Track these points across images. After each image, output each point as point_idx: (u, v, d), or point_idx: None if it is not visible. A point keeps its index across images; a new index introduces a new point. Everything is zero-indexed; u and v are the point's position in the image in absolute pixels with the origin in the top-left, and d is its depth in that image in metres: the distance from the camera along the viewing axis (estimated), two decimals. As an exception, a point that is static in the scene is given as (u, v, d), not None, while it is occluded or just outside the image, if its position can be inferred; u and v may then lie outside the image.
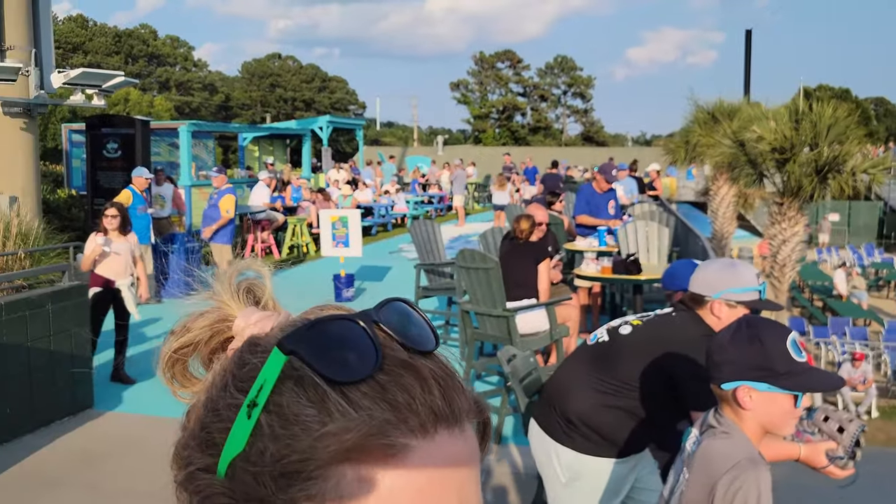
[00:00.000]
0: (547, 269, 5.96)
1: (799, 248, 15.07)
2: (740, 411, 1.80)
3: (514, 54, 69.83)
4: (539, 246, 6.07)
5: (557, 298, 5.89)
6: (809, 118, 14.33)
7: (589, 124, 71.20)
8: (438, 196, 22.21)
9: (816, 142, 14.18)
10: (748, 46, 34.65)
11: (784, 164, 14.21)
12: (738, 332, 1.84)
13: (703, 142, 17.41)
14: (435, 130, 76.01)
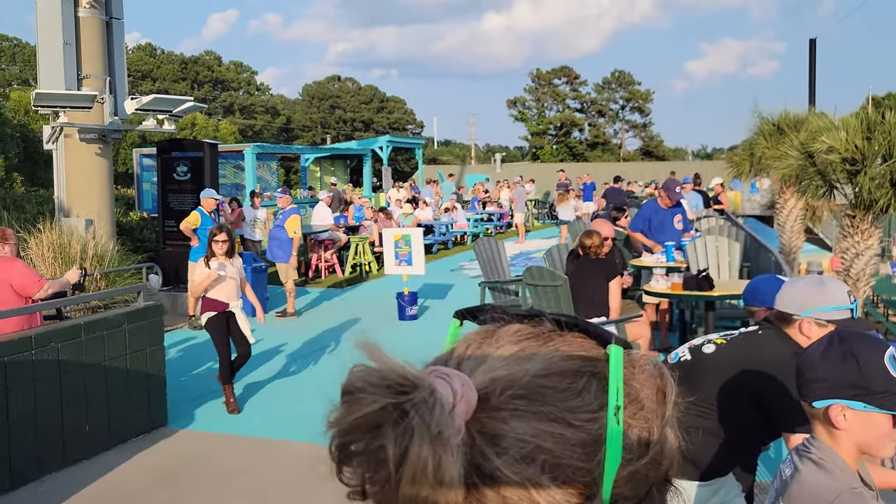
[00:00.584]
0: (618, 286, 5.88)
1: (873, 262, 14.57)
2: (834, 432, 1.70)
3: (571, 70, 69.59)
4: (608, 262, 5.99)
5: (628, 316, 5.80)
6: (882, 128, 13.90)
7: (648, 139, 70.33)
8: (498, 213, 22.19)
9: (891, 152, 13.75)
10: (812, 56, 33.83)
11: (855, 175, 13.79)
12: (830, 347, 1.74)
13: (768, 154, 17.01)
14: (492, 148, 76.21)
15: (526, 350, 0.54)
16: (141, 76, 55.62)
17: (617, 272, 5.97)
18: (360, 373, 0.49)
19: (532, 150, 69.25)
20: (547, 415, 0.50)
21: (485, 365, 0.52)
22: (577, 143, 68.48)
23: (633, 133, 71.28)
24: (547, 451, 0.49)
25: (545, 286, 5.68)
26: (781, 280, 3.02)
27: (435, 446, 0.46)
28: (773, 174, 17.40)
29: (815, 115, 17.50)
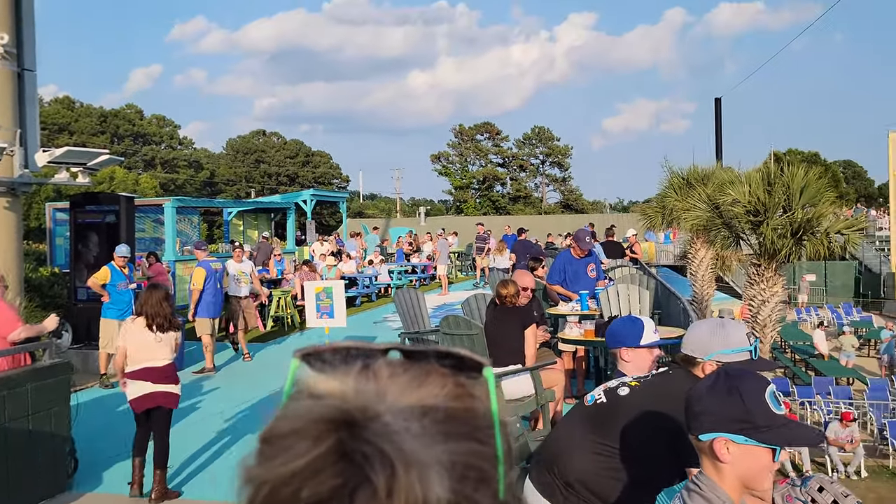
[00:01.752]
0: (533, 334, 6.01)
1: (778, 308, 15.23)
2: (719, 465, 1.76)
3: (493, 126, 71.26)
4: (524, 311, 6.13)
5: (542, 363, 5.92)
6: (782, 181, 14.69)
7: (568, 192, 72.21)
8: (422, 265, 22.32)
9: (790, 204, 14.53)
10: (718, 114, 35.59)
11: (759, 226, 14.52)
12: (717, 383, 1.82)
13: (679, 206, 17.75)
14: (417, 202, 76.87)
15: (417, 380, 0.55)
16: (58, 129, 54.12)
17: (532, 321, 6.11)
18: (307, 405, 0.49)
19: (456, 203, 70.15)
20: (467, 435, 0.53)
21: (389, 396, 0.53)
22: (500, 196, 69.75)
23: (553, 187, 73.12)
24: (474, 467, 0.52)
25: (461, 335, 5.77)
26: (638, 321, 3.18)
27: (420, 471, 0.48)
28: (683, 225, 18.13)
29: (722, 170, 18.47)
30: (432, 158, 70.91)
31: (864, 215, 36.81)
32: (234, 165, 68.02)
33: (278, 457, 0.48)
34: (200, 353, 10.65)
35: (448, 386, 0.55)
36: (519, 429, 4.14)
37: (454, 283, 22.22)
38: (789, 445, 1.80)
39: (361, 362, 0.56)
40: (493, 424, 0.56)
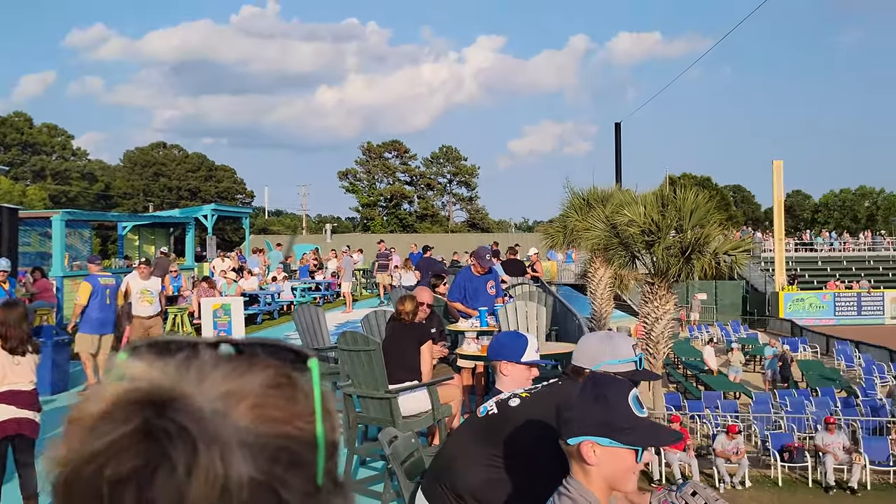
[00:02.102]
0: (429, 350, 6.04)
1: (671, 325, 15.88)
2: (586, 467, 1.84)
3: (402, 144, 71.53)
4: (422, 328, 6.16)
5: (439, 379, 5.96)
6: (674, 203, 15.40)
7: (474, 211, 73.14)
8: (326, 282, 22.10)
9: (681, 225, 15.22)
10: (618, 138, 36.95)
11: (653, 245, 15.14)
12: (585, 389, 1.91)
13: (579, 226, 18.27)
14: (324, 219, 76.06)
15: (238, 369, 0.57)
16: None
17: (428, 337, 6.14)
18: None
19: (363, 220, 69.89)
20: (283, 420, 0.55)
21: (207, 382, 0.55)
22: (407, 214, 69.96)
23: (459, 206, 73.91)
24: (288, 450, 0.54)
25: (358, 351, 5.75)
26: (523, 337, 3.26)
27: (223, 449, 0.49)
28: (583, 245, 18.67)
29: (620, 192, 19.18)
30: (340, 175, 70.50)
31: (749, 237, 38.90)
32: (132, 178, 65.60)
33: (83, 437, 0.48)
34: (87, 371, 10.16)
35: (270, 375, 0.58)
36: (413, 444, 4.15)
37: (359, 300, 22.09)
38: (651, 445, 1.91)
39: (186, 352, 0.57)
40: (314, 413, 0.58)
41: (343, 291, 20.17)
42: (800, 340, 26.26)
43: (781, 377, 18.61)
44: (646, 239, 15.16)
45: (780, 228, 38.35)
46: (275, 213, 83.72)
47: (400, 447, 4.17)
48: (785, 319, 33.19)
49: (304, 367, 0.60)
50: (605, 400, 1.87)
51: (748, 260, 35.64)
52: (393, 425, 5.37)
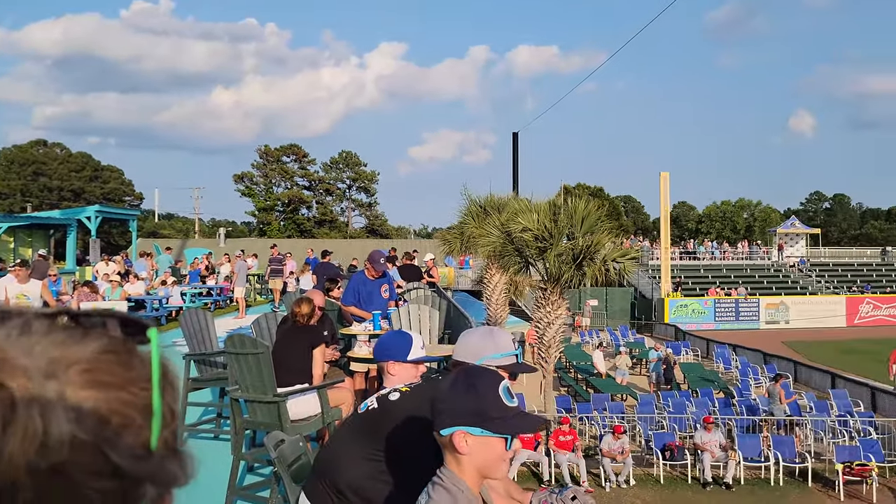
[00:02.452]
0: (321, 354, 5.97)
1: (562, 329, 16.35)
2: (458, 457, 1.89)
3: (300, 148, 70.48)
4: (314, 331, 6.08)
5: (329, 382, 5.91)
6: (566, 211, 15.87)
7: (373, 217, 72.91)
8: (218, 287, 21.48)
9: (573, 232, 15.70)
10: (515, 147, 37.83)
11: (546, 252, 15.54)
12: (457, 381, 1.96)
13: (475, 232, 18.56)
14: (218, 223, 73.98)
15: (73, 337, 0.58)
16: None
17: (321, 341, 6.07)
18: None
19: (259, 225, 68.41)
20: (115, 385, 0.57)
21: (37, 347, 0.56)
22: (305, 219, 68.98)
23: (358, 212, 73.52)
24: (119, 414, 0.56)
25: (246, 354, 5.63)
26: (407, 336, 3.30)
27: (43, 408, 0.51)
28: (479, 251, 18.95)
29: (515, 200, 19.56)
30: (235, 178, 68.75)
31: (637, 246, 40.50)
32: (8, 177, 61.77)
33: None
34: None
35: (104, 343, 0.59)
36: (301, 447, 4.09)
37: (252, 306, 21.58)
38: (519, 433, 1.97)
39: (21, 321, 0.58)
40: (150, 380, 0.60)
41: (236, 297, 19.66)
42: (683, 344, 27.50)
43: (665, 379, 19.44)
44: (539, 245, 15.56)
45: (666, 238, 40.11)
46: (165, 217, 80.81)
47: (287, 451, 4.10)
48: (669, 324, 34.70)
49: (143, 337, 0.62)
50: (476, 391, 1.91)
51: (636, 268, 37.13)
52: (281, 429, 5.28)
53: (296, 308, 6.08)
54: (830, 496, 12.45)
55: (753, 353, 24.33)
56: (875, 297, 40.45)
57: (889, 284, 43.22)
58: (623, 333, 29.25)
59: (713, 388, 18.49)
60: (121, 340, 0.61)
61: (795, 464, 13.31)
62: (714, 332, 34.45)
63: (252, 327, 7.31)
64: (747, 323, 38.45)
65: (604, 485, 12.63)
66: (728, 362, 23.99)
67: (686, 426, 15.05)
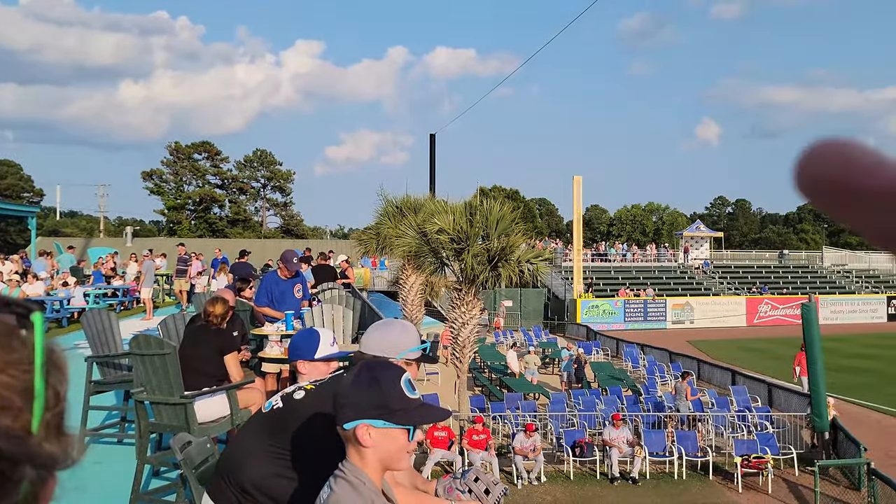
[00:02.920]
0: (235, 360, 5.84)
1: (476, 330, 16.52)
2: (362, 450, 1.91)
3: (212, 146, 68.71)
4: (227, 338, 5.90)
5: (238, 383, 5.81)
6: (482, 213, 16.05)
7: (289, 217, 71.81)
8: (124, 288, 20.74)
9: (488, 233, 15.89)
10: (432, 149, 38.01)
11: (461, 253, 15.68)
12: (360, 375, 1.99)
13: (391, 233, 18.54)
14: (125, 221, 71.41)
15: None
16: None
17: (234, 346, 5.93)
18: None
19: (169, 224, 66.35)
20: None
21: None
22: (218, 219, 67.32)
23: (273, 211, 72.29)
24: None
25: (152, 355, 5.47)
26: (315, 334, 3.31)
27: None
28: (395, 252, 18.94)
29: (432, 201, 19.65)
30: (144, 176, 66.42)
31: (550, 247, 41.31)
32: None
33: None
34: None
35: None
36: (209, 449, 4.02)
37: (160, 307, 20.94)
38: (422, 424, 2.00)
39: None
40: (32, 363, 0.60)
41: (143, 298, 19.03)
42: (594, 344, 28.23)
43: (576, 378, 19.90)
44: (455, 246, 15.68)
45: (578, 240, 41.06)
46: (68, 214, 77.49)
47: (194, 453, 4.01)
48: (581, 325, 35.53)
49: (27, 321, 0.62)
50: (379, 384, 1.94)
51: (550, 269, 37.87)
52: (188, 432, 5.16)
53: (209, 307, 5.94)
54: (729, 488, 13.02)
55: (660, 352, 25.20)
56: (773, 298, 42.52)
57: (786, 286, 45.51)
58: (536, 334, 29.77)
59: (622, 386, 19.04)
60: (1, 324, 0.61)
61: (697, 458, 13.87)
62: (624, 331, 35.50)
63: (159, 328, 7.11)
64: (655, 323, 39.78)
65: (516, 482, 12.83)
66: (636, 361, 24.76)
67: (595, 423, 15.45)
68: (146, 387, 5.64)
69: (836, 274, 48.65)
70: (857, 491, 12.61)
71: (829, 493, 12.46)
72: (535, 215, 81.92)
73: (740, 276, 46.80)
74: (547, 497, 12.44)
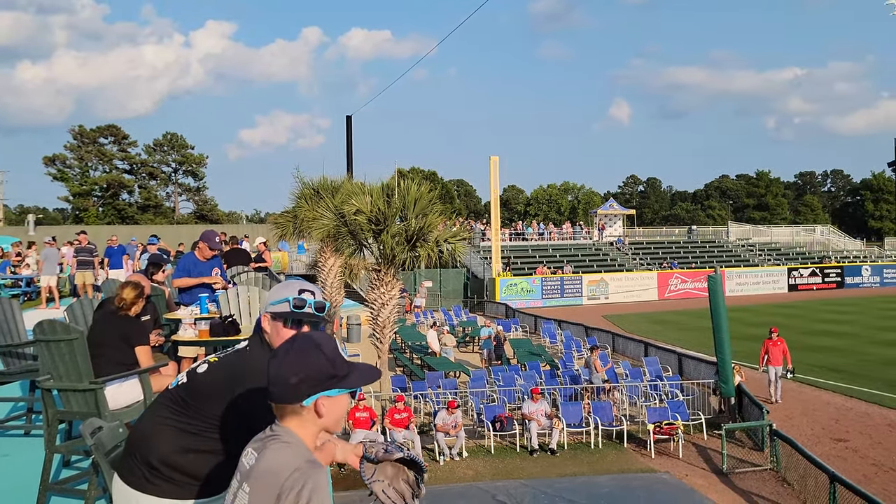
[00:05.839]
0: (147, 354, 5.67)
1: (396, 310, 16.57)
2: (309, 420, 1.92)
3: (120, 129, 66.16)
4: (137, 325, 5.69)
5: (150, 366, 5.68)
6: (399, 193, 16.06)
7: (202, 202, 69.95)
8: (28, 278, 19.85)
9: (406, 214, 15.91)
10: (349, 131, 37.67)
11: (380, 234, 15.66)
12: (301, 350, 1.96)
13: (309, 216, 18.32)
14: (26, 209, 68.03)
15: None
16: None
17: (144, 338, 5.73)
18: None
19: (75, 212, 63.65)
20: None
21: None
22: (127, 205, 65.01)
23: (186, 196, 70.25)
24: None
25: (59, 341, 5.29)
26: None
27: None
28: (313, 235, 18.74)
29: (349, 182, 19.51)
30: (46, 161, 63.40)
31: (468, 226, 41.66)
32: None
33: None
34: None
35: None
36: (122, 434, 3.93)
37: (67, 297, 20.14)
38: (366, 384, 2.03)
39: None
40: None
41: (46, 285, 18.23)
42: (512, 321, 28.71)
43: (496, 355, 20.22)
44: (373, 227, 15.65)
45: (496, 220, 41.53)
46: (-38, 203, 73.22)
47: (105, 438, 3.90)
48: (500, 303, 36.04)
49: None
50: (325, 354, 1.95)
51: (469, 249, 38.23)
52: (100, 418, 5.02)
53: (120, 291, 5.74)
54: (643, 454, 13.55)
55: (577, 327, 25.84)
56: (682, 272, 44.13)
57: (694, 260, 47.28)
58: (456, 313, 30.04)
59: (540, 361, 19.46)
60: None
61: (613, 427, 14.36)
62: (542, 308, 36.24)
63: (65, 314, 6.86)
64: (572, 299, 40.72)
65: (438, 459, 13.01)
66: (554, 337, 25.33)
67: (515, 398, 15.78)
68: (53, 374, 5.45)
69: (740, 248, 50.86)
70: (761, 451, 13.34)
71: (735, 454, 13.13)
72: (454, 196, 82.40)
73: (652, 252, 48.35)
74: (469, 472, 12.66)
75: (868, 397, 17.26)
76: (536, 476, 12.38)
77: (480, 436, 14.16)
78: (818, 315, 33.31)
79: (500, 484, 11.98)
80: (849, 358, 22.12)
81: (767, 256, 49.56)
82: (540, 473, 12.55)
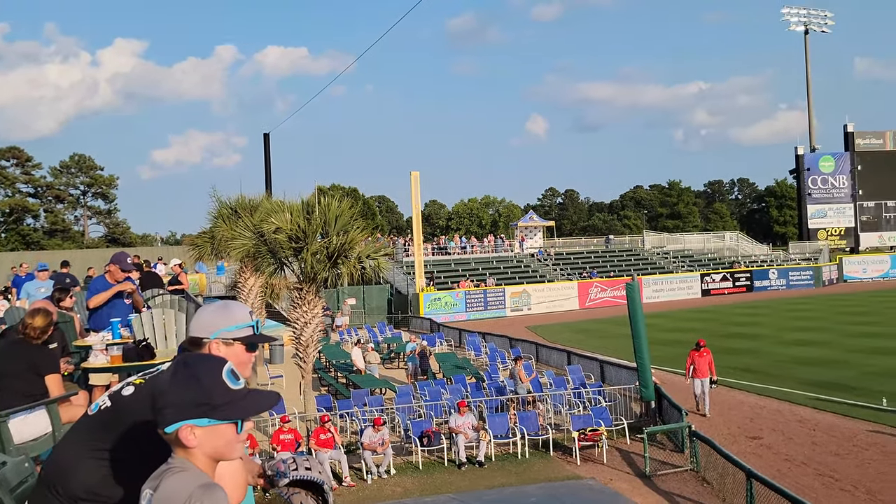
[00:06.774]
0: (57, 382, 5.41)
1: (320, 328, 16.35)
2: (188, 450, 1.83)
3: (22, 151, 63.37)
4: (46, 354, 5.44)
5: (59, 396, 5.42)
6: (320, 210, 15.89)
7: (114, 225, 67.60)
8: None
9: (327, 231, 15.75)
10: (267, 148, 37.11)
11: (300, 252, 15.44)
12: (177, 373, 1.87)
13: (226, 235, 17.92)
14: (-79, 236, 64.28)
15: None
16: None
17: (54, 367, 5.47)
18: None
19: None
20: None
21: None
22: (32, 230, 62.22)
23: (96, 220, 67.75)
24: None
25: (-45, 372, 5.00)
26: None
27: None
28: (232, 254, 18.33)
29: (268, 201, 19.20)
30: (-59, 186, 60.14)
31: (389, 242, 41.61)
32: None
33: None
34: None
35: None
36: (28, 468, 3.74)
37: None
38: (249, 416, 1.90)
39: None
40: None
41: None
42: (437, 336, 28.74)
43: (421, 370, 20.19)
44: (293, 245, 15.41)
45: (418, 235, 41.62)
46: None
47: (9, 474, 3.70)
48: (425, 318, 36.05)
49: None
50: (198, 381, 1.84)
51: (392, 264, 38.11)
52: (3, 452, 4.75)
53: (28, 319, 5.46)
54: (569, 462, 13.73)
55: (501, 339, 26.07)
56: (602, 281, 45.16)
57: (612, 269, 48.45)
58: (381, 329, 29.90)
59: (465, 374, 19.53)
60: None
61: (539, 436, 14.50)
62: (466, 322, 36.43)
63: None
64: (495, 311, 41.09)
65: (365, 477, 12.85)
66: (478, 349, 25.48)
67: (442, 412, 15.77)
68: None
69: (656, 256, 52.44)
70: (682, 453, 13.71)
71: (657, 457, 13.46)
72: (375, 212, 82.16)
73: (572, 262, 49.32)
74: (397, 489, 12.55)
75: (780, 395, 18.00)
76: (465, 489, 12.38)
77: (408, 452, 14.07)
78: (730, 318, 34.61)
79: (429, 500, 11.93)
80: (761, 358, 23.04)
81: (681, 263, 51.25)
82: (468, 487, 12.54)
